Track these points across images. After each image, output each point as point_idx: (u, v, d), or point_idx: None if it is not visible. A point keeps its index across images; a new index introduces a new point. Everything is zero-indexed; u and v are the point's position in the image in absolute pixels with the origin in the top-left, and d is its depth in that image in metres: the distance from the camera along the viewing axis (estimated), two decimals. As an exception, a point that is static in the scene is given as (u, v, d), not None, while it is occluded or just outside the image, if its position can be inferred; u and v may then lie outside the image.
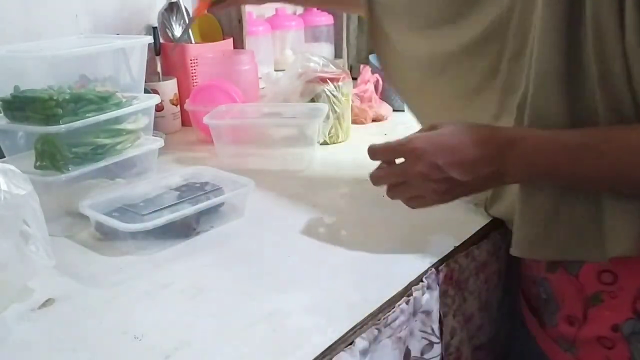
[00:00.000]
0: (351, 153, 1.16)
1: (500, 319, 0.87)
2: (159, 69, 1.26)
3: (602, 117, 0.58)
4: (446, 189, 0.65)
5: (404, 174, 0.67)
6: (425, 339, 0.69)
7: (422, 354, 0.69)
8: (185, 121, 1.30)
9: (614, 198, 0.60)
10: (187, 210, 0.77)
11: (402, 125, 1.34)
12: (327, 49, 1.69)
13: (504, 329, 0.89)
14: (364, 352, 0.59)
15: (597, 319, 0.65)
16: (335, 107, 1.16)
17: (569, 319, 0.68)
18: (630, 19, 0.54)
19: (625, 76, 0.56)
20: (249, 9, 1.44)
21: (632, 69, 0.55)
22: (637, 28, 0.54)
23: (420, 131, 0.70)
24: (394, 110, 1.41)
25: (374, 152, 0.69)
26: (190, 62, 1.30)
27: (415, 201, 0.69)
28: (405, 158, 0.66)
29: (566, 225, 0.63)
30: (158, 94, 1.17)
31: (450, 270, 0.73)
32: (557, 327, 0.70)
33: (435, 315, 0.70)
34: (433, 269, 0.70)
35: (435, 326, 0.70)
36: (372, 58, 1.53)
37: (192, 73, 1.31)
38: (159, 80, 1.26)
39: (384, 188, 0.72)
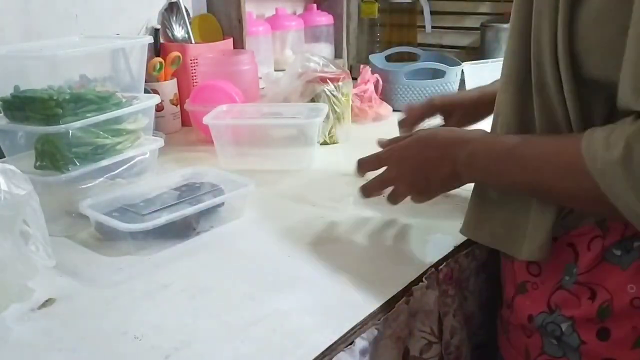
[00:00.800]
0: (351, 153, 1.16)
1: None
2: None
3: (538, 124, 0.61)
4: (420, 189, 0.74)
5: (387, 180, 0.76)
6: (424, 338, 0.69)
7: (420, 353, 0.69)
8: (185, 121, 1.30)
9: (539, 201, 0.63)
10: (187, 210, 0.77)
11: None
12: (327, 49, 1.69)
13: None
14: (363, 352, 0.59)
15: (520, 307, 0.68)
16: (335, 107, 1.16)
17: (507, 303, 0.72)
18: (561, 32, 0.56)
19: (556, 87, 0.58)
20: (249, 9, 1.44)
21: (563, 80, 0.58)
22: (567, 40, 0.56)
23: (396, 139, 0.80)
24: (393, 110, 1.41)
25: (360, 165, 0.79)
26: (190, 62, 1.30)
27: (415, 198, 0.76)
28: (385, 166, 0.76)
29: (502, 217, 0.67)
30: (158, 94, 1.17)
31: (450, 270, 0.73)
32: (501, 309, 0.74)
33: (435, 315, 0.70)
34: (433, 269, 0.70)
35: (435, 326, 0.70)
36: (372, 58, 1.53)
37: (192, 73, 1.31)
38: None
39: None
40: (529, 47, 0.60)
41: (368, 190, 0.79)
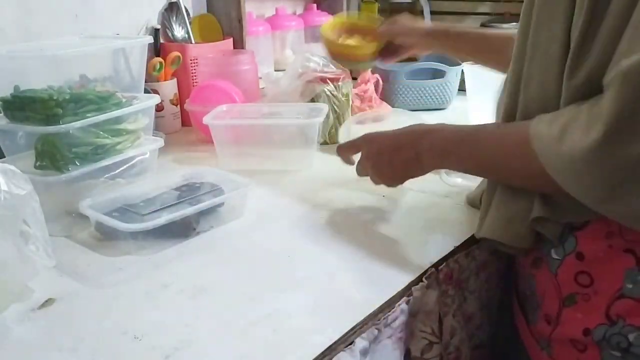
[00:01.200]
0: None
1: (500, 318, 0.87)
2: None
3: (518, 117, 0.64)
4: (385, 172, 0.78)
5: (366, 160, 0.81)
6: (425, 339, 0.69)
7: (421, 354, 0.69)
8: (185, 121, 1.30)
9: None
10: (187, 210, 0.77)
11: (402, 124, 1.34)
12: (327, 49, 1.68)
13: (504, 328, 0.88)
14: (364, 352, 0.59)
15: (569, 321, 0.65)
16: (335, 107, 1.16)
17: (547, 318, 0.68)
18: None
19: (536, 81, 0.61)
20: (249, 9, 1.45)
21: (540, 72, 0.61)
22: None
23: None
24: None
25: (338, 150, 0.87)
26: (190, 62, 1.30)
27: (383, 180, 0.80)
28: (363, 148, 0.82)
29: (495, 208, 0.69)
30: (158, 94, 1.17)
31: (451, 270, 0.73)
32: (537, 324, 0.70)
33: (436, 315, 0.70)
34: (433, 269, 0.70)
35: (435, 326, 0.70)
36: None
37: (192, 73, 1.31)
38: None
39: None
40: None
41: (357, 172, 0.84)
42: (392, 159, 0.75)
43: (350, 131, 1.09)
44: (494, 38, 0.99)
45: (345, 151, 0.86)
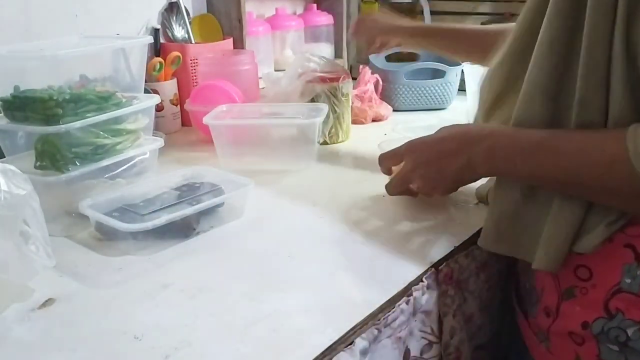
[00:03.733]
0: (351, 153, 1.16)
1: (501, 318, 0.87)
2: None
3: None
4: (433, 182, 0.74)
5: (405, 174, 0.77)
6: (425, 338, 0.69)
7: (421, 353, 0.69)
8: (185, 121, 1.30)
9: (558, 209, 0.63)
10: (187, 210, 0.77)
11: (402, 124, 1.34)
12: (327, 49, 1.68)
13: (504, 328, 0.88)
14: (364, 352, 0.59)
15: (568, 314, 0.65)
16: (335, 107, 1.16)
17: (546, 311, 0.68)
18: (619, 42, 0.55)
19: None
20: (249, 9, 1.45)
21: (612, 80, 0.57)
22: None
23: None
24: (393, 110, 1.41)
25: (380, 160, 0.82)
26: (190, 62, 1.30)
27: (434, 190, 0.76)
28: (404, 160, 0.77)
29: (520, 225, 0.66)
30: (158, 94, 1.17)
31: (451, 270, 0.73)
32: (536, 318, 0.70)
33: (435, 315, 0.70)
34: (433, 269, 0.70)
35: (435, 326, 0.70)
36: (372, 58, 1.53)
37: (192, 73, 1.31)
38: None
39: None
40: (565, 59, 0.60)
41: (391, 189, 0.81)
42: (441, 167, 0.71)
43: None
44: (471, 33, 1.00)
45: (387, 161, 0.81)
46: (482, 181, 0.81)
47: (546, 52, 0.61)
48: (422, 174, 0.74)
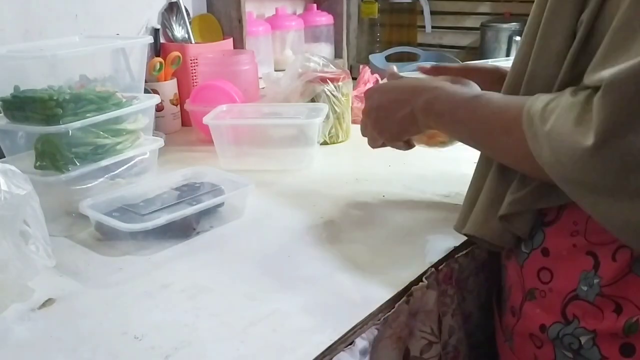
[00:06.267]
0: (351, 153, 1.16)
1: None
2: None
3: None
4: (382, 127, 0.77)
5: (366, 115, 0.80)
6: (425, 338, 0.69)
7: (421, 353, 0.69)
8: (185, 121, 1.30)
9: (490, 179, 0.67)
10: (187, 210, 0.77)
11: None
12: (327, 49, 1.69)
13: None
14: (364, 352, 0.59)
15: (530, 315, 0.65)
16: (335, 107, 1.16)
17: (512, 310, 0.68)
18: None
19: None
20: (249, 9, 1.45)
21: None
22: None
23: None
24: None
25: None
26: (190, 62, 1.30)
27: (381, 135, 0.79)
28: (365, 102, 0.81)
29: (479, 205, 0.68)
30: (158, 94, 1.17)
31: (450, 270, 0.73)
32: (505, 316, 0.71)
33: (435, 315, 0.70)
34: (433, 269, 0.70)
35: (435, 326, 0.70)
36: (372, 58, 1.53)
37: (192, 73, 1.31)
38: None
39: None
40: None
41: (363, 132, 0.83)
42: (389, 113, 0.75)
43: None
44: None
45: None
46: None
47: (523, 39, 0.64)
48: (374, 117, 0.78)
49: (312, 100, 1.15)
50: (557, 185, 0.55)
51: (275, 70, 1.52)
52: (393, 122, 0.75)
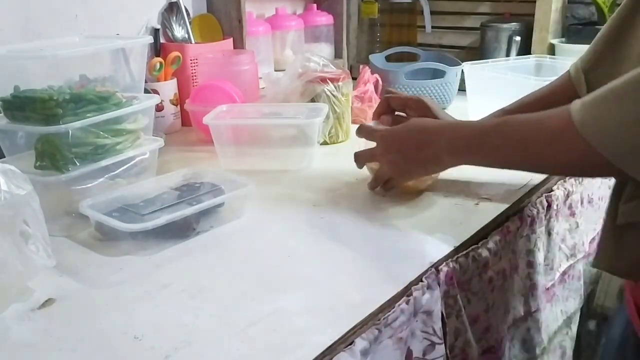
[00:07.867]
0: (351, 153, 1.16)
1: (513, 322, 0.86)
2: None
3: None
4: (400, 169, 0.82)
5: (375, 154, 0.86)
6: (427, 339, 0.69)
7: (424, 354, 0.68)
8: (185, 121, 1.30)
9: None
10: (187, 210, 0.77)
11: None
12: (327, 49, 1.68)
13: (518, 333, 0.88)
14: (364, 352, 0.59)
15: None
16: (335, 107, 1.16)
17: None
18: None
19: None
20: (249, 9, 1.44)
21: None
22: None
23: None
24: (394, 110, 1.41)
25: (356, 156, 0.90)
26: (190, 62, 1.30)
27: (395, 177, 0.85)
28: (375, 142, 0.86)
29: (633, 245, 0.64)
30: (158, 94, 1.17)
31: (451, 271, 0.73)
32: None
33: (437, 316, 0.70)
34: (433, 269, 0.70)
35: (437, 327, 0.70)
36: (372, 58, 1.53)
37: (192, 73, 1.31)
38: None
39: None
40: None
41: (359, 158, 0.89)
42: (409, 157, 0.79)
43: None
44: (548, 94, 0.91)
45: (362, 157, 0.90)
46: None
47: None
48: (391, 160, 0.82)
49: (312, 100, 1.15)
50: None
51: (275, 71, 1.52)
52: (415, 164, 0.79)
